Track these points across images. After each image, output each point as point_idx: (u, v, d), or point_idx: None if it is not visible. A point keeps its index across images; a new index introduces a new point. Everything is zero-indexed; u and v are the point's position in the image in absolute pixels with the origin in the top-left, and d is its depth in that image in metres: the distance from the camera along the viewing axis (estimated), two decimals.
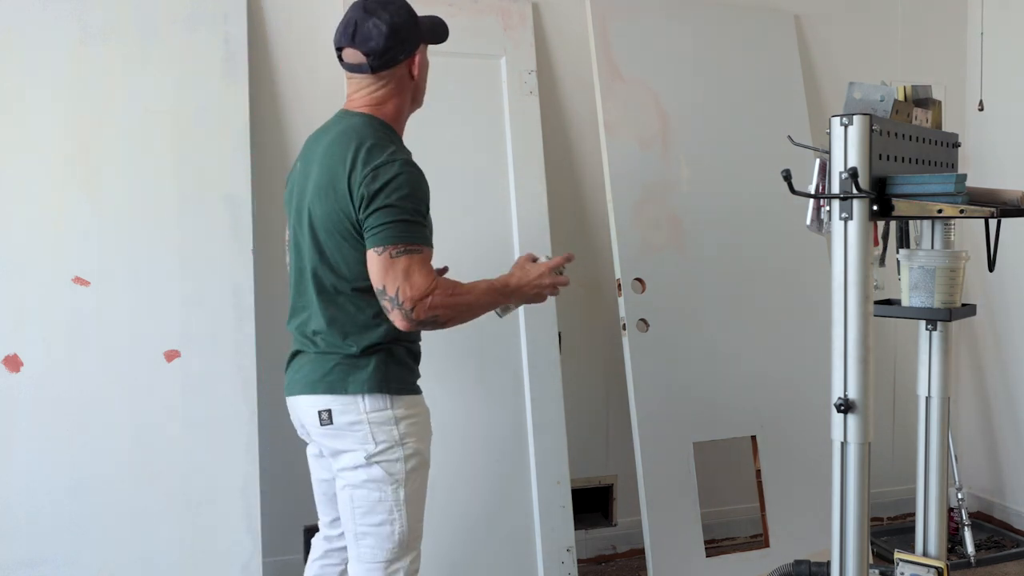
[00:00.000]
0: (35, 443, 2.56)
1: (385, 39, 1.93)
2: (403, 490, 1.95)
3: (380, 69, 1.96)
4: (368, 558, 1.97)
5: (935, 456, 2.20)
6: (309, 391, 1.98)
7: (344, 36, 1.97)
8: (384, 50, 1.94)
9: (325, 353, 1.97)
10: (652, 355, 2.94)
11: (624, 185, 2.99)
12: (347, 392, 1.93)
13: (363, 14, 1.95)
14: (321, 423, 1.96)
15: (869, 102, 1.96)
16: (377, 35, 1.93)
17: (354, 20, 1.95)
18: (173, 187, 2.72)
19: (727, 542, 3.43)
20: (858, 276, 1.82)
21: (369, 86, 1.99)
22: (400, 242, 1.85)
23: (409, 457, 1.96)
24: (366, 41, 1.94)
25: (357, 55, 1.96)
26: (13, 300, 2.57)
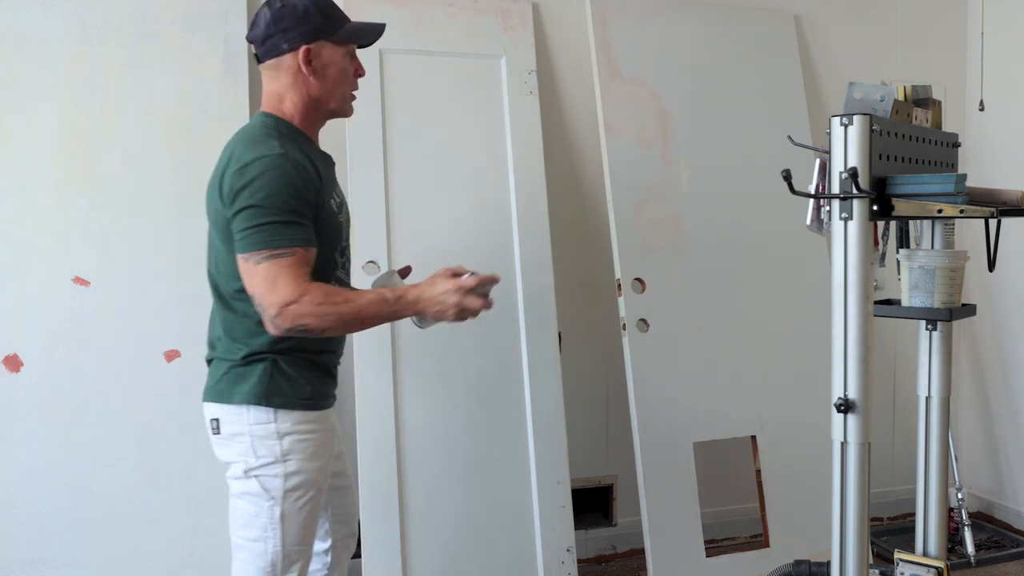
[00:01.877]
0: (35, 443, 2.56)
1: (266, 26, 1.87)
2: (279, 508, 1.86)
3: (264, 58, 1.90)
4: (241, 572, 1.90)
5: (935, 456, 2.20)
6: (205, 398, 1.92)
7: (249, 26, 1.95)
8: (264, 37, 1.88)
9: (220, 359, 1.90)
10: (652, 355, 2.94)
11: (624, 185, 2.99)
12: (232, 402, 1.85)
13: (263, 5, 1.91)
14: (212, 432, 1.89)
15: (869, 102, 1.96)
16: (261, 22, 1.88)
17: (256, 11, 1.93)
18: (173, 187, 2.72)
19: (727, 542, 3.43)
20: (858, 276, 1.82)
21: (267, 82, 1.92)
22: (263, 247, 1.74)
23: (290, 475, 1.85)
24: (254, 28, 1.90)
25: (250, 42, 1.93)
26: (13, 300, 2.57)
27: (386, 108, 2.84)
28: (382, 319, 1.87)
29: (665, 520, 2.87)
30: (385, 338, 2.74)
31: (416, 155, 2.84)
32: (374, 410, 2.67)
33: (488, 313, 2.94)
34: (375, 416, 2.67)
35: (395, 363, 2.72)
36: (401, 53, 2.87)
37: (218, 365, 1.90)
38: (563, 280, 3.12)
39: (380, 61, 2.84)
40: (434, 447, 2.75)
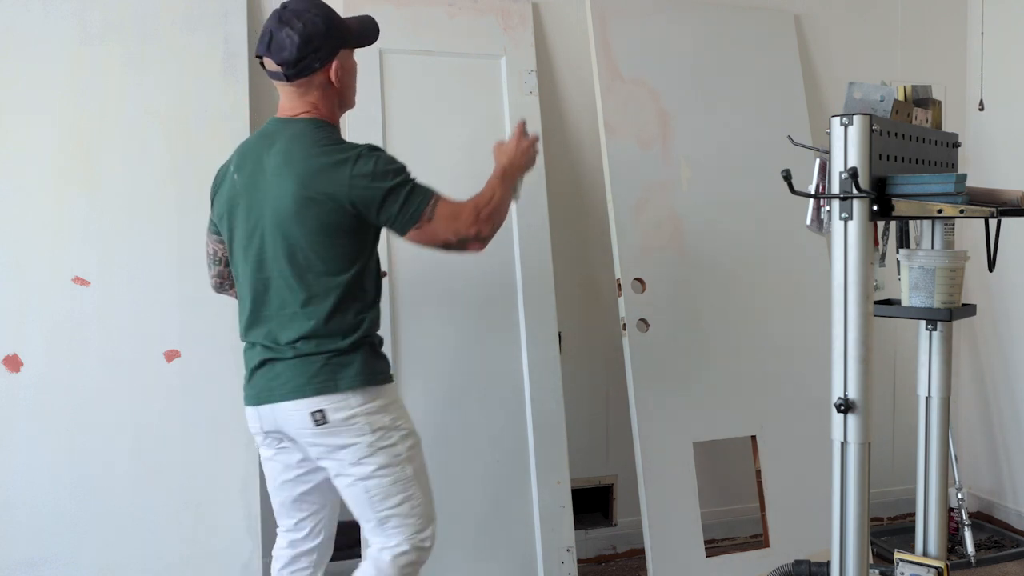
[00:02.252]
0: (35, 443, 2.56)
1: (297, 49, 1.95)
2: (409, 467, 2.04)
3: (295, 78, 1.99)
4: (397, 536, 2.03)
5: (935, 456, 2.20)
6: (296, 396, 1.97)
7: (261, 45, 1.99)
8: (296, 60, 1.96)
9: (308, 356, 1.97)
10: (652, 355, 2.94)
11: (624, 185, 2.99)
12: (339, 390, 1.96)
13: (278, 24, 1.97)
14: (316, 424, 1.96)
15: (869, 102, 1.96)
16: (290, 45, 1.95)
17: (269, 30, 1.98)
18: (173, 187, 2.72)
19: (727, 542, 3.44)
20: (858, 276, 1.82)
21: (293, 93, 2.02)
22: (426, 203, 1.95)
23: (404, 437, 2.04)
24: (279, 51, 1.96)
25: (272, 64, 1.99)
26: (13, 300, 2.57)
27: (386, 108, 2.84)
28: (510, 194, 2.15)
29: (665, 520, 2.87)
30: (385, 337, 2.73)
31: (416, 155, 2.81)
32: None
33: (488, 313, 2.96)
34: None
35: (395, 363, 2.72)
36: (401, 53, 2.87)
37: (304, 363, 1.97)
38: (563, 280, 3.11)
39: (380, 61, 2.84)
40: (434, 447, 2.74)
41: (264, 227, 1.97)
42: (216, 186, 2.13)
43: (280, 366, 1.99)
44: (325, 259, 1.96)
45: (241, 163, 2.04)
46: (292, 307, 1.98)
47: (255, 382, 2.04)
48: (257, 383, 2.03)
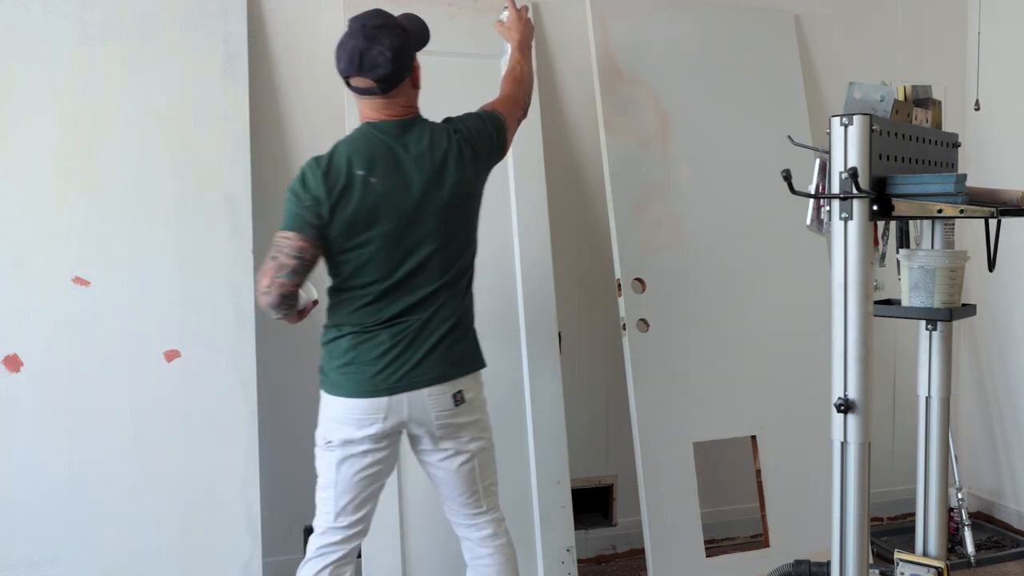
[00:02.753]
0: (35, 443, 2.56)
1: (391, 64, 2.05)
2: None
3: (389, 90, 2.09)
4: (494, 500, 2.29)
5: (935, 456, 2.20)
6: (449, 377, 2.13)
7: (351, 66, 2.06)
8: (391, 75, 2.06)
9: (460, 339, 2.17)
10: (652, 355, 2.94)
11: (624, 185, 2.99)
12: (474, 369, 2.21)
13: (366, 42, 2.04)
14: (456, 404, 2.15)
15: (869, 102, 1.96)
16: (384, 62, 2.04)
17: (359, 50, 2.04)
18: (173, 187, 2.72)
19: (727, 542, 3.44)
20: (858, 276, 1.82)
21: (382, 102, 2.11)
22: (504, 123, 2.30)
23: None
24: (374, 69, 2.04)
25: (366, 82, 2.06)
26: (13, 300, 2.57)
27: None
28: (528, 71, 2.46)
29: (665, 520, 2.87)
30: None
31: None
32: None
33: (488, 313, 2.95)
34: None
35: None
36: None
37: (457, 345, 2.16)
38: (563, 280, 3.11)
39: None
40: None
41: (424, 217, 2.09)
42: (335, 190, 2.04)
43: (440, 349, 2.12)
44: (470, 240, 2.21)
45: (372, 166, 2.06)
46: (447, 291, 2.13)
47: (412, 368, 2.10)
48: (415, 369, 2.10)
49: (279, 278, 1.99)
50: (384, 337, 2.09)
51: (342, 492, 2.14)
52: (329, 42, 2.96)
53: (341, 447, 2.12)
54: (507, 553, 2.30)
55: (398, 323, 2.10)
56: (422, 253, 2.10)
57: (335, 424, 2.11)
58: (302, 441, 2.98)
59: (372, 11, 2.12)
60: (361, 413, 2.09)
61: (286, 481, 2.96)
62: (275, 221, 2.91)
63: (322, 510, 2.17)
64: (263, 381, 2.77)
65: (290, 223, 2.03)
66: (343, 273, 2.10)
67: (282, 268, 2.00)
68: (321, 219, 2.03)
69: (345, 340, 2.11)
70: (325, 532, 2.17)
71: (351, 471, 2.13)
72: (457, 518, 2.29)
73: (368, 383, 2.08)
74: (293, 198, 2.05)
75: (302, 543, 3.01)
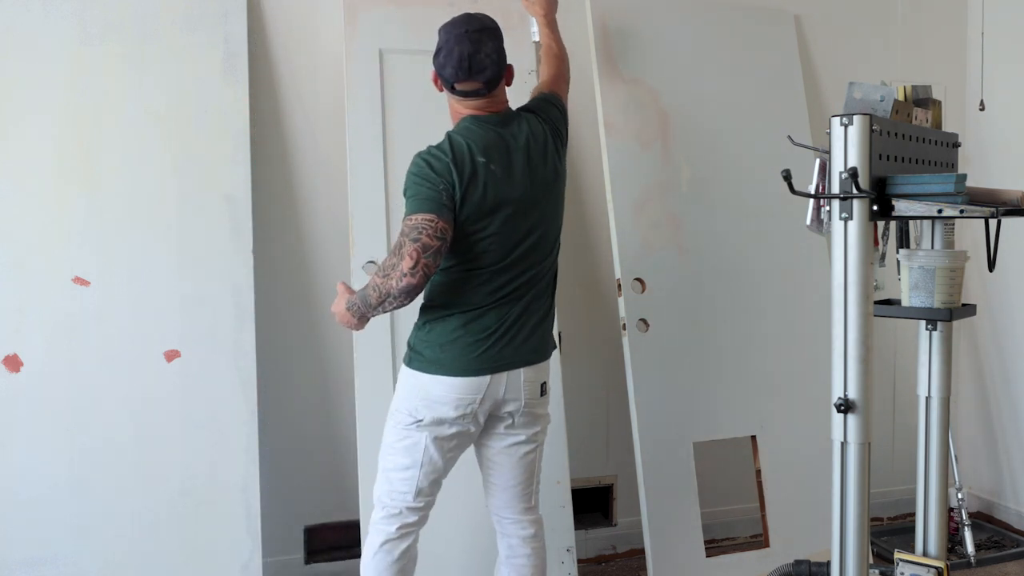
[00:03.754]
0: (35, 443, 2.56)
1: (497, 65, 2.14)
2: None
3: (494, 89, 2.17)
4: (538, 500, 2.35)
5: (935, 456, 2.20)
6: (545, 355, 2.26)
7: (461, 71, 2.11)
8: (497, 75, 2.15)
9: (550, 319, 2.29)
10: (652, 355, 2.94)
11: (624, 185, 2.99)
12: (556, 348, 2.38)
13: (472, 47, 2.11)
14: (542, 394, 2.25)
15: (869, 102, 1.96)
16: (491, 64, 2.13)
17: (467, 55, 2.11)
18: (173, 187, 2.72)
19: (727, 542, 3.44)
20: (858, 276, 1.82)
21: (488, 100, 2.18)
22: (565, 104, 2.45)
23: None
24: (482, 71, 2.12)
25: (475, 84, 2.14)
26: (13, 300, 2.57)
27: (386, 108, 2.84)
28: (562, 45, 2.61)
29: (665, 520, 2.87)
30: (385, 336, 2.74)
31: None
32: (375, 409, 2.67)
33: None
34: (376, 415, 2.66)
35: (395, 363, 2.72)
36: (401, 53, 2.87)
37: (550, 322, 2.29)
38: (563, 280, 3.10)
39: (380, 61, 2.84)
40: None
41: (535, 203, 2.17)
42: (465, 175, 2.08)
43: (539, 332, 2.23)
44: (561, 223, 2.30)
45: (489, 154, 2.12)
46: (547, 273, 2.25)
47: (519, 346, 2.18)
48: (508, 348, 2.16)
49: (425, 258, 1.99)
50: (492, 317, 2.15)
51: (428, 472, 2.18)
52: (329, 41, 2.98)
53: (432, 427, 2.15)
54: (543, 557, 2.35)
55: (505, 304, 2.16)
56: (533, 236, 2.18)
57: (429, 403, 2.14)
58: (302, 441, 2.99)
59: (465, 16, 2.17)
60: (462, 392, 2.12)
61: (286, 481, 2.96)
62: (275, 221, 2.95)
63: (400, 490, 2.19)
64: (263, 381, 2.78)
65: (427, 206, 2.03)
66: (465, 255, 2.13)
67: (427, 248, 1.99)
68: (454, 202, 2.06)
69: (454, 319, 2.14)
70: (402, 512, 2.19)
71: (441, 450, 2.18)
72: (504, 512, 2.32)
73: (475, 361, 2.13)
74: (424, 183, 2.05)
75: (302, 543, 3.02)
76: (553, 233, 2.27)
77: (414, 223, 2.01)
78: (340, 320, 2.15)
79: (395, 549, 2.17)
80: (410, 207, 2.04)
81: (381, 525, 2.20)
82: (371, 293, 2.05)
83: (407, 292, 2.01)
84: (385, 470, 2.21)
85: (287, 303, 2.97)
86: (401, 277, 1.99)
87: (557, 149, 2.28)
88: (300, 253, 2.99)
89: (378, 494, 2.22)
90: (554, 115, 2.33)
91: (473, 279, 2.14)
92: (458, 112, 2.21)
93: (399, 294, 2.01)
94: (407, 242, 2.00)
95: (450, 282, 2.15)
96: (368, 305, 2.07)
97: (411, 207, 2.04)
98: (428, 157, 2.08)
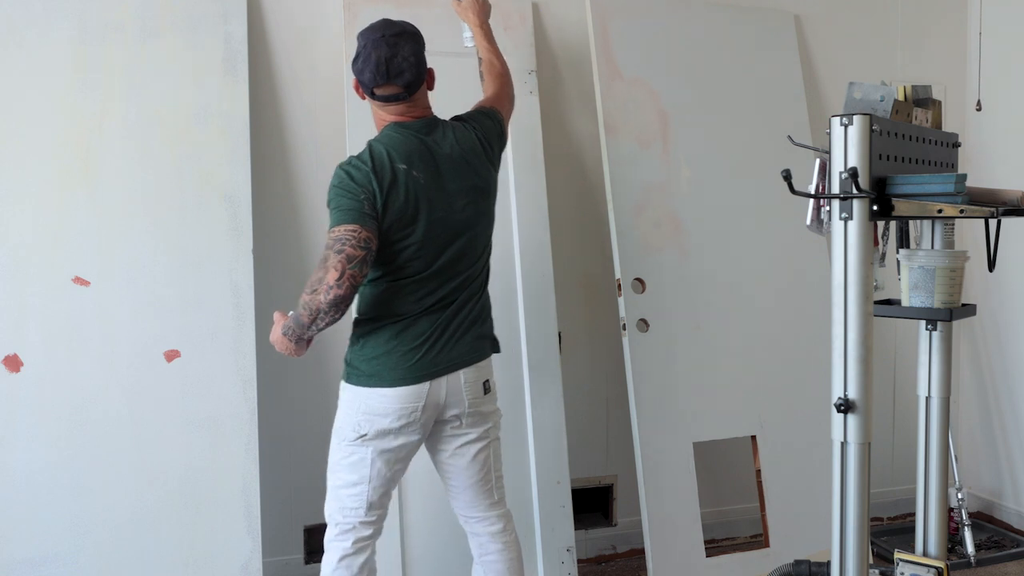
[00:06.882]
0: (35, 443, 2.56)
1: (415, 68, 2.14)
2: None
3: (413, 94, 2.17)
4: (504, 495, 2.34)
5: (935, 456, 2.20)
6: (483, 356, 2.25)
7: (379, 76, 2.11)
8: (416, 79, 2.14)
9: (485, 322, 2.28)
10: (652, 355, 2.94)
11: (624, 185, 2.99)
12: (497, 350, 2.32)
13: (389, 51, 2.11)
14: (485, 392, 2.24)
15: (869, 102, 1.96)
16: (408, 67, 2.12)
17: (384, 59, 2.10)
18: (173, 187, 2.72)
19: (727, 542, 3.44)
20: (858, 276, 1.82)
21: (408, 105, 2.17)
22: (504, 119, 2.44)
23: None
24: (400, 75, 2.11)
25: (393, 88, 2.13)
26: (13, 300, 2.57)
27: None
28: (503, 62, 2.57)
29: (665, 520, 2.87)
30: None
31: None
32: None
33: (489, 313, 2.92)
34: None
35: None
36: None
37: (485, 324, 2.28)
38: (563, 280, 3.12)
39: None
40: None
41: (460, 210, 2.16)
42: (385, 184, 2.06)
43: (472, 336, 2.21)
44: (491, 230, 2.29)
45: (411, 160, 2.11)
46: (477, 278, 2.24)
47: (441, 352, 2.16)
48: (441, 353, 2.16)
49: (351, 268, 1.97)
50: (424, 324, 2.14)
51: (377, 486, 2.16)
52: (329, 41, 2.99)
53: (376, 439, 2.13)
54: (516, 550, 2.33)
55: (436, 310, 2.15)
56: (459, 243, 2.17)
57: (370, 417, 2.12)
58: (302, 442, 2.99)
59: (383, 21, 2.16)
60: (402, 401, 2.11)
61: (286, 481, 2.96)
62: (275, 221, 2.95)
63: (350, 506, 2.16)
64: (263, 381, 2.77)
65: (349, 216, 2.01)
66: (390, 264, 2.12)
67: (352, 259, 1.97)
68: (376, 211, 2.05)
69: (386, 331, 2.13)
70: (355, 527, 2.17)
71: (388, 463, 2.16)
72: (469, 512, 2.31)
73: (412, 369, 2.12)
74: (346, 194, 2.04)
75: (302, 543, 3.02)
76: (483, 239, 2.25)
77: (337, 235, 2.00)
78: (279, 348, 2.12)
79: (354, 564, 2.16)
80: (333, 219, 2.02)
81: (337, 542, 2.17)
82: (302, 312, 2.02)
83: (336, 305, 1.98)
84: (334, 487, 2.18)
85: (287, 303, 2.97)
86: (328, 290, 1.96)
87: (485, 159, 2.25)
88: (300, 253, 2.99)
89: (329, 511, 2.19)
90: (488, 126, 2.31)
91: (401, 288, 2.12)
92: (382, 119, 2.20)
93: (329, 308, 1.98)
94: (331, 255, 1.98)
95: (379, 293, 2.14)
96: (301, 326, 2.04)
97: (334, 219, 2.02)
98: (348, 168, 2.07)
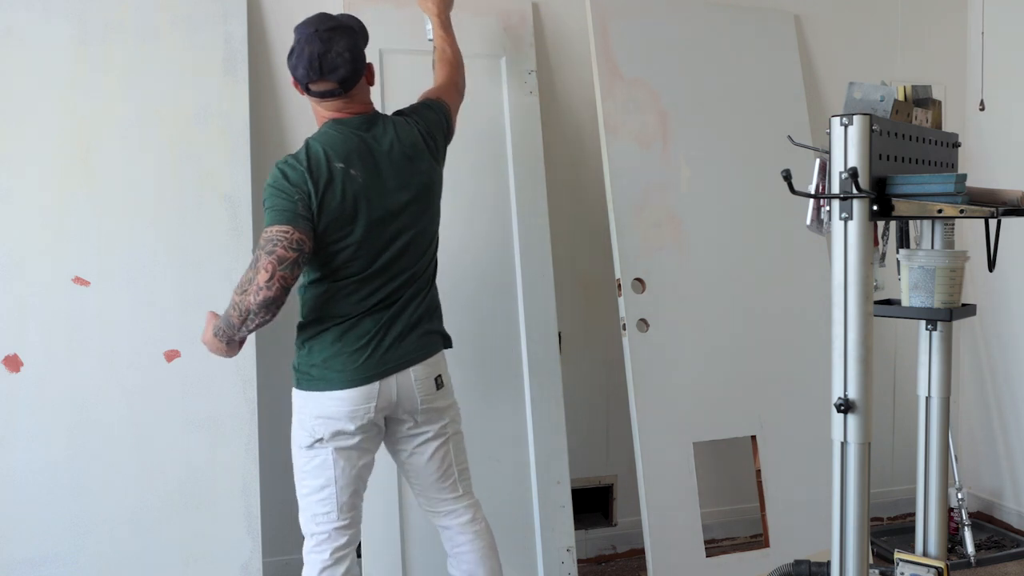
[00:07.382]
0: (35, 443, 2.56)
1: (351, 63, 2.08)
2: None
3: (350, 89, 2.13)
4: (470, 486, 2.34)
5: (935, 456, 2.20)
6: (431, 352, 2.23)
7: (312, 71, 2.07)
8: (351, 75, 2.10)
9: (433, 318, 2.26)
10: (652, 355, 2.94)
11: (624, 185, 2.99)
12: (448, 345, 2.33)
13: (322, 46, 2.06)
14: (437, 388, 2.24)
15: (869, 102, 1.96)
16: (343, 63, 2.07)
17: (317, 54, 2.06)
18: (173, 187, 2.72)
19: (727, 542, 3.44)
20: (858, 276, 1.82)
21: (345, 101, 2.14)
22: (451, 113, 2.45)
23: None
24: (334, 71, 2.07)
25: (328, 84, 2.09)
26: (13, 300, 2.57)
27: (385, 107, 2.83)
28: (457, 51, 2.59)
29: (665, 520, 2.87)
30: None
31: None
32: None
33: (488, 313, 2.95)
34: None
35: None
36: (401, 53, 2.87)
37: (433, 321, 2.27)
38: (563, 280, 3.12)
39: (380, 61, 2.84)
40: None
41: (402, 208, 2.14)
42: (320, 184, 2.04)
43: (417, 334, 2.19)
44: (436, 226, 2.28)
45: (348, 159, 2.08)
46: (421, 276, 2.22)
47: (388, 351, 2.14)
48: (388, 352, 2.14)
49: (281, 270, 1.96)
50: (368, 324, 2.12)
51: (344, 487, 2.14)
52: None
53: (333, 441, 2.11)
54: (487, 538, 2.32)
55: (379, 310, 2.13)
56: (401, 241, 2.14)
57: (323, 420, 2.10)
58: None
59: (319, 15, 2.13)
60: (354, 403, 2.09)
61: (286, 481, 2.95)
62: None
63: (321, 512, 2.14)
64: (263, 381, 2.77)
65: (282, 217, 1.99)
66: (329, 265, 2.09)
67: (283, 261, 1.96)
68: (311, 212, 2.02)
69: (329, 333, 2.11)
70: (330, 536, 2.15)
71: (349, 463, 2.14)
72: (436, 507, 2.30)
73: (360, 370, 2.10)
74: (279, 193, 2.02)
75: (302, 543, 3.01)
76: (427, 236, 2.23)
77: (269, 235, 1.98)
78: (211, 349, 2.11)
79: (335, 575, 2.15)
80: (267, 219, 2.01)
81: (314, 555, 2.16)
82: (232, 312, 2.01)
83: (266, 306, 1.97)
84: (303, 497, 2.17)
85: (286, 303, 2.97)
86: (258, 291, 1.95)
87: (428, 155, 2.23)
88: None
89: (303, 524, 2.18)
90: (431, 119, 2.30)
91: (342, 289, 2.10)
92: (321, 116, 2.17)
93: (258, 309, 1.97)
94: (263, 255, 1.96)
95: (320, 295, 2.12)
96: (232, 326, 2.03)
97: (268, 219, 2.00)
98: (283, 167, 2.05)
